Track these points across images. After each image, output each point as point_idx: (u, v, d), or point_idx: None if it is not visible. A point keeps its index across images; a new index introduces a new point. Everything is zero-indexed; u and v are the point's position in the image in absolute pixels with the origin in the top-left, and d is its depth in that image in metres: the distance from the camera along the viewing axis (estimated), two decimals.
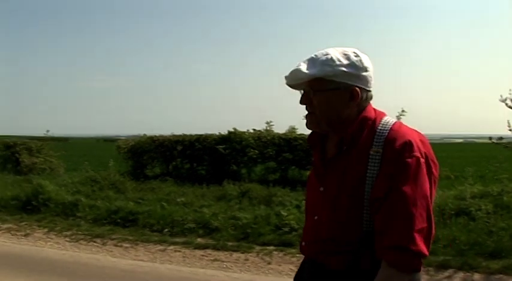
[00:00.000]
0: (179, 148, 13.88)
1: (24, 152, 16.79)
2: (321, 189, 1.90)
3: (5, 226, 9.31)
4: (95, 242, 8.05)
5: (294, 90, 1.96)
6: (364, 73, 1.85)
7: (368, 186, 1.75)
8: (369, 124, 1.85)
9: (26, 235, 8.67)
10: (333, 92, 1.84)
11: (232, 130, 13.65)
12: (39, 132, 19.95)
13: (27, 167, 15.96)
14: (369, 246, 1.76)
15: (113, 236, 8.22)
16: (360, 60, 1.84)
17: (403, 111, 11.34)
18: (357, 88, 1.84)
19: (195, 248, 7.47)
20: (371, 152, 1.77)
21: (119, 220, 9.03)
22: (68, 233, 8.63)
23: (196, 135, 14.07)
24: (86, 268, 6.67)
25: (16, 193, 11.12)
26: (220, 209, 9.10)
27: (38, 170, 15.83)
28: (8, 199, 10.83)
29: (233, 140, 13.28)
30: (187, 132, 14.61)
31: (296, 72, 1.84)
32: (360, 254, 1.78)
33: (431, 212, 1.72)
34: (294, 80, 1.87)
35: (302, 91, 1.93)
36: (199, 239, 7.89)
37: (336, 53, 1.83)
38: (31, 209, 10.17)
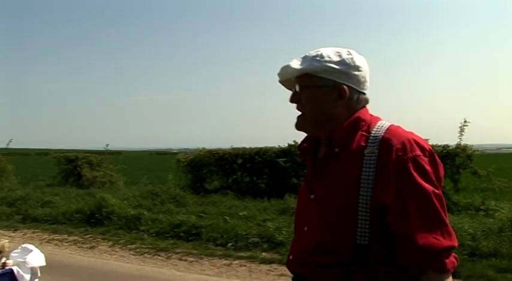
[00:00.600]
0: (239, 161, 13.93)
1: (85, 166, 17.25)
2: (311, 197, 1.79)
3: (71, 238, 9.58)
4: (159, 255, 8.12)
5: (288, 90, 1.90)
6: (355, 72, 1.76)
7: (363, 190, 1.63)
8: (363, 126, 1.76)
9: (92, 248, 8.87)
10: (320, 89, 1.76)
11: (293, 143, 13.59)
12: (94, 146, 20.51)
13: (89, 181, 16.37)
14: (363, 261, 1.64)
15: (177, 250, 8.28)
16: (352, 59, 1.77)
17: (465, 121, 10.97)
18: (345, 87, 1.75)
19: (261, 263, 7.42)
20: (365, 154, 1.67)
21: (182, 234, 9.10)
22: (132, 246, 8.77)
23: (256, 148, 14.10)
24: None
25: (80, 206, 11.43)
26: (283, 223, 9.02)
27: (98, 183, 16.22)
28: (72, 212, 11.15)
29: (293, 153, 13.21)
30: (247, 146, 14.68)
31: (286, 68, 1.79)
32: (352, 269, 1.64)
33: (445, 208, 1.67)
34: (284, 75, 1.83)
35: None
36: (264, 254, 7.84)
37: (327, 51, 1.78)
38: (95, 222, 10.41)
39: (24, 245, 3.01)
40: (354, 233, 1.63)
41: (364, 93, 1.81)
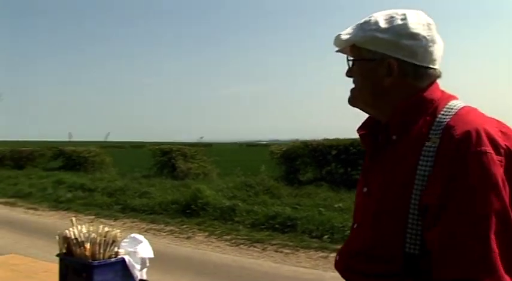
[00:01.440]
0: (333, 152, 13.83)
1: (179, 158, 17.80)
2: (364, 190, 1.52)
3: (168, 228, 9.94)
4: (255, 247, 8.23)
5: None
6: (407, 41, 1.41)
7: (417, 188, 1.32)
8: (428, 108, 1.42)
9: (188, 238, 9.15)
10: (368, 62, 1.47)
11: None
12: (186, 138, 21.11)
13: (183, 172, 16.88)
14: (413, 274, 1.33)
15: (273, 242, 8.35)
16: (405, 24, 1.42)
17: None
18: (393, 60, 1.43)
19: None
20: (426, 144, 1.34)
21: (277, 226, 9.16)
22: (228, 237, 8.94)
23: (350, 139, 13.92)
24: (250, 273, 6.83)
25: (176, 197, 11.82)
26: None
27: (192, 175, 16.69)
28: (168, 203, 11.55)
29: None
30: (340, 137, 14.58)
31: (336, 38, 1.53)
32: (398, 280, 1.36)
33: None
34: (336, 45, 1.55)
35: None
36: None
37: (379, 15, 1.47)
38: (190, 213, 10.72)
39: (133, 235, 3.11)
40: (403, 240, 1.34)
41: (429, 68, 1.45)
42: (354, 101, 1.55)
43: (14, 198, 15.13)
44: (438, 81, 1.49)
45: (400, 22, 1.43)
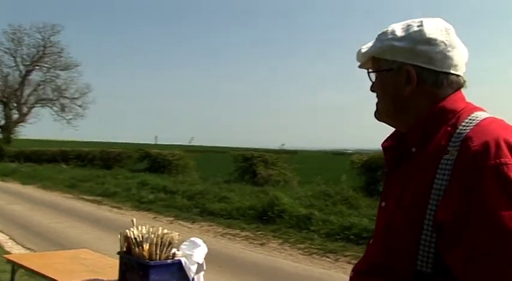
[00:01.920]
0: None
1: (260, 164, 17.98)
2: (382, 204, 1.46)
3: (243, 233, 10.09)
4: (327, 257, 8.19)
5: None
6: (424, 47, 1.37)
7: (432, 203, 1.26)
8: (448, 119, 1.35)
9: (262, 244, 9.25)
10: (387, 73, 1.44)
11: None
12: (271, 145, 21.27)
13: (263, 179, 17.04)
14: None
15: (346, 253, 8.27)
16: (421, 31, 1.38)
17: None
18: (411, 68, 1.38)
19: None
20: (444, 157, 1.28)
21: (352, 236, 9.06)
22: (302, 246, 8.95)
23: None
24: None
25: (253, 203, 11.97)
26: None
27: (272, 182, 16.81)
28: (245, 208, 11.72)
29: None
30: None
31: (358, 52, 1.51)
32: None
33: None
34: (358, 60, 1.53)
35: None
36: None
37: (396, 26, 1.45)
38: (266, 220, 10.82)
39: (193, 239, 3.23)
40: (415, 257, 1.28)
41: (450, 74, 1.39)
42: (378, 115, 1.52)
43: (101, 196, 15.94)
44: (464, 91, 1.43)
45: (416, 29, 1.40)
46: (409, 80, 1.39)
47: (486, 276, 1.17)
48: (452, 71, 1.39)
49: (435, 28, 1.40)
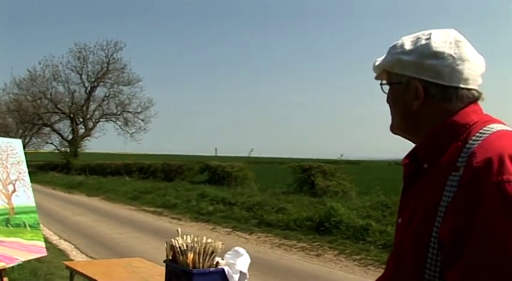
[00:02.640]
0: None
1: (319, 175, 17.96)
2: (399, 221, 1.43)
3: (300, 244, 10.15)
4: (383, 269, 8.05)
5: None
6: (430, 61, 1.34)
7: (438, 220, 1.23)
8: (460, 134, 1.32)
9: (318, 255, 9.28)
10: (396, 87, 1.43)
11: None
12: (333, 155, 21.20)
13: (322, 190, 17.01)
14: None
15: None
16: (428, 44, 1.36)
17: None
18: (418, 82, 1.36)
19: None
20: (452, 173, 1.24)
21: None
22: (357, 257, 8.93)
23: None
24: None
25: (311, 214, 12.00)
26: None
27: (331, 192, 16.74)
28: (303, 219, 11.77)
29: None
30: None
31: (373, 64, 1.51)
32: None
33: None
34: (374, 72, 1.53)
35: None
36: None
37: (406, 38, 1.43)
38: (323, 231, 10.84)
39: (236, 248, 3.35)
40: (423, 276, 1.27)
41: (460, 88, 1.36)
42: (392, 128, 1.51)
43: (161, 208, 16.37)
44: (481, 104, 1.40)
45: (424, 42, 1.38)
46: (417, 95, 1.38)
47: None
48: (462, 85, 1.35)
49: (443, 41, 1.37)
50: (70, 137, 48.00)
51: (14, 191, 4.11)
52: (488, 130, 1.29)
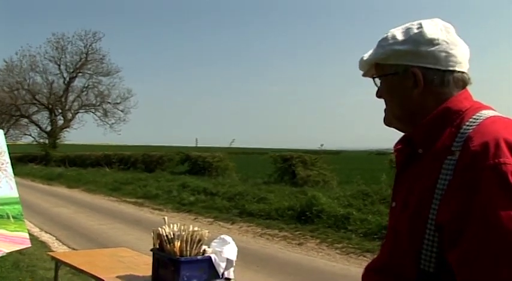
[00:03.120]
0: None
1: (299, 165, 18.03)
2: (393, 205, 1.48)
3: (282, 233, 10.23)
4: (364, 256, 8.23)
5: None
6: (427, 48, 1.40)
7: (435, 203, 1.28)
8: (453, 119, 1.37)
9: (300, 244, 9.36)
10: (393, 77, 1.46)
11: None
12: (313, 145, 21.29)
13: (302, 179, 17.09)
14: None
15: None
16: (421, 32, 1.41)
17: None
18: (417, 69, 1.41)
19: None
20: (447, 158, 1.30)
21: None
22: (339, 245, 9.02)
23: None
24: None
25: (292, 203, 12.08)
26: None
27: (312, 182, 16.83)
28: (284, 209, 11.84)
29: None
30: None
31: (360, 61, 1.54)
32: None
33: None
34: (361, 69, 1.57)
35: None
36: None
37: (395, 30, 1.47)
38: (305, 220, 10.92)
39: (223, 236, 3.38)
40: (419, 257, 1.31)
41: (455, 71, 1.42)
42: (387, 120, 1.54)
43: (143, 199, 16.34)
44: (470, 90, 1.46)
45: (416, 31, 1.43)
46: (416, 82, 1.42)
47: (483, 274, 1.19)
48: (457, 69, 1.41)
49: (435, 28, 1.43)
50: (49, 128, 47.55)
51: None
52: (481, 116, 1.35)
